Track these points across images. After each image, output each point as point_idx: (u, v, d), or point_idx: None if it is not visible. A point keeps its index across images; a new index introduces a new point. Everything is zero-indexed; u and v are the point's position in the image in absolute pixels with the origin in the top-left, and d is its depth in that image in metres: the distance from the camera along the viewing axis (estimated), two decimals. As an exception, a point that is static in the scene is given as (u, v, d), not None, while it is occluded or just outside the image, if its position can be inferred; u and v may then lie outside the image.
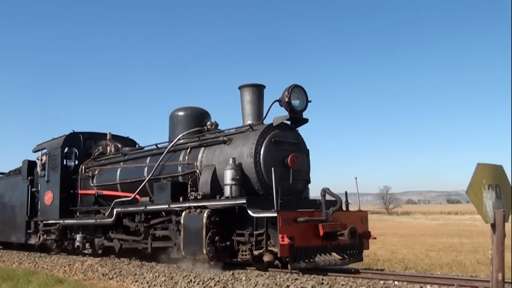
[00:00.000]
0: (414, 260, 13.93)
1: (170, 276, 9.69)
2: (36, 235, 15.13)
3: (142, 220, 11.13)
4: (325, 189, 8.90)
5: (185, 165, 10.75)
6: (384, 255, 15.15)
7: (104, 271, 11.30)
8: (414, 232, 34.63)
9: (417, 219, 72.95)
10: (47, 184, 14.77)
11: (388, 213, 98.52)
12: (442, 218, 73.76)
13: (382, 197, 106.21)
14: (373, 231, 10.05)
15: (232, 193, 9.31)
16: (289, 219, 8.26)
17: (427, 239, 25.18)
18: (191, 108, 11.90)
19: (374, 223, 23.25)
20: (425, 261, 13.72)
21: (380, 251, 16.65)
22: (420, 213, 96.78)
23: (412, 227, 46.09)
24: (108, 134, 14.88)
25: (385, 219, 73.30)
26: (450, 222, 60.31)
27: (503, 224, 5.35)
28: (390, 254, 15.85)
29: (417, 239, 25.65)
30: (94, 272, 11.53)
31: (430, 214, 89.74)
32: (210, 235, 9.15)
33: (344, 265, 9.20)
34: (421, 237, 27.85)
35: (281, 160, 9.58)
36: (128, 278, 10.44)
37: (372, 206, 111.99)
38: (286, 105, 9.69)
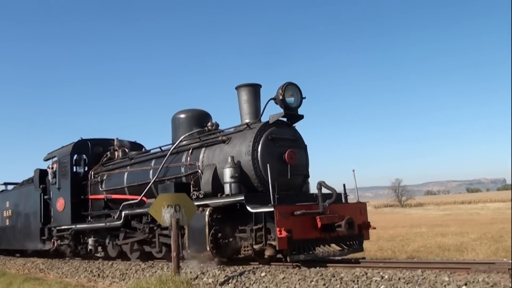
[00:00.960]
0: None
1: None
2: (50, 241, 15.54)
3: (149, 221, 11.45)
4: (321, 182, 9.13)
5: (188, 165, 11.05)
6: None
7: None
8: (406, 223, 35.31)
9: (427, 211, 73.25)
10: (58, 191, 15.18)
11: (401, 205, 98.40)
12: (454, 208, 73.88)
13: (395, 190, 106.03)
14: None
15: (231, 191, 9.59)
16: (286, 213, 8.51)
17: (400, 230, 26.48)
18: (192, 110, 12.18)
19: (379, 216, 23.96)
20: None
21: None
22: (433, 204, 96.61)
23: (413, 219, 46.17)
24: (115, 140, 15.21)
25: (396, 211, 73.58)
26: (456, 212, 60.63)
27: (176, 226, 8.94)
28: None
29: (392, 229, 26.68)
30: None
31: (443, 205, 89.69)
32: (213, 232, 9.45)
33: (343, 256, 9.42)
34: (400, 228, 28.94)
35: (278, 156, 9.83)
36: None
37: (386, 200, 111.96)
38: (280, 103, 9.94)
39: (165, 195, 9.63)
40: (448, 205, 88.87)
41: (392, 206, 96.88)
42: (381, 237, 20.54)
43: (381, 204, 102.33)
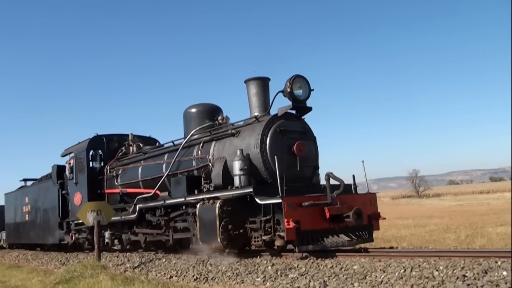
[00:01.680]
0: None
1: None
2: (69, 234, 15.89)
3: (163, 214, 11.66)
4: (329, 173, 9.22)
5: (199, 159, 11.21)
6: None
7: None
8: (411, 215, 35.47)
9: (442, 201, 73.42)
10: (75, 186, 15.51)
11: (419, 196, 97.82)
12: (470, 198, 73.86)
13: (412, 180, 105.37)
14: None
15: (241, 183, 9.71)
16: (294, 204, 8.62)
17: (394, 221, 26.95)
18: (203, 105, 12.33)
19: (390, 207, 24.46)
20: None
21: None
22: (452, 194, 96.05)
23: (422, 210, 46.13)
24: (130, 135, 15.48)
25: (411, 202, 73.64)
26: (470, 203, 60.57)
27: (98, 225, 12.20)
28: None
29: (388, 221, 27.66)
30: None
31: (462, 195, 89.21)
32: (223, 224, 9.58)
33: (352, 246, 9.50)
34: (396, 219, 29.27)
35: (287, 148, 9.92)
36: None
37: (403, 191, 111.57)
38: (289, 95, 10.01)
39: (90, 203, 12.91)
40: (466, 195, 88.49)
41: (410, 197, 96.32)
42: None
43: (398, 195, 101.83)
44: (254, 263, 9.15)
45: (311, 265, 8.29)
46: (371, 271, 7.31)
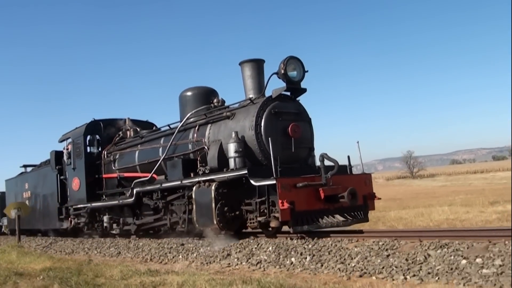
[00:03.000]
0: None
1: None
2: (68, 219, 15.96)
3: (159, 197, 11.70)
4: (323, 154, 9.23)
5: (195, 142, 11.23)
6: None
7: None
8: (391, 196, 35.87)
9: (433, 182, 74.77)
10: (73, 171, 15.55)
11: (413, 177, 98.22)
12: (461, 179, 75.23)
13: (406, 161, 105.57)
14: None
15: (236, 165, 9.73)
16: (288, 185, 8.65)
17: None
18: (199, 88, 12.31)
19: (381, 188, 24.43)
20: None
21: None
22: (446, 174, 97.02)
23: (408, 191, 46.53)
24: (126, 119, 15.47)
25: (404, 183, 74.65)
26: (455, 183, 61.62)
27: (18, 218, 17.52)
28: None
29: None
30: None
31: (456, 175, 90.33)
32: (219, 206, 9.63)
33: (346, 226, 9.54)
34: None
35: (282, 130, 9.93)
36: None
37: (397, 171, 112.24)
38: (283, 77, 9.98)
39: (12, 204, 18.79)
40: (460, 175, 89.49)
41: (404, 178, 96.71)
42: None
43: (394, 176, 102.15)
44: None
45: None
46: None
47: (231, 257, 9.00)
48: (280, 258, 8.16)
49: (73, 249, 14.15)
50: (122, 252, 11.99)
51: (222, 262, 8.92)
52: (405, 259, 6.66)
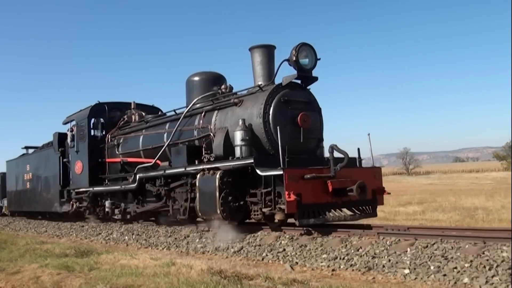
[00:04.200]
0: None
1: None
2: (69, 203, 15.72)
3: (162, 184, 11.41)
4: (333, 145, 8.88)
5: (200, 129, 10.91)
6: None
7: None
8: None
9: (425, 179, 76.21)
10: (76, 154, 15.28)
11: (408, 173, 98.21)
12: (454, 178, 76.47)
13: (402, 158, 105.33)
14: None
15: (242, 154, 9.42)
16: (296, 176, 8.33)
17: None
18: (206, 73, 11.96)
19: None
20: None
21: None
22: (441, 172, 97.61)
23: (396, 187, 47.02)
24: (132, 103, 15.16)
25: (397, 180, 75.55)
26: (443, 182, 62.31)
27: None
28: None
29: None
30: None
31: (451, 173, 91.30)
32: (223, 196, 9.33)
33: (354, 220, 9.24)
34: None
35: (291, 119, 9.58)
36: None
37: (393, 167, 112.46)
38: (294, 64, 9.61)
39: None
40: (454, 173, 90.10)
41: (400, 174, 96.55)
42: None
43: (389, 172, 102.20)
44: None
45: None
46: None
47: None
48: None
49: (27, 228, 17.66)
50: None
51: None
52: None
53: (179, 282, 5.98)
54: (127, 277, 6.50)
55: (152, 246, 10.60)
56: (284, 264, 7.57)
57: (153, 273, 6.67)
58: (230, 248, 9.04)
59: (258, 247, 8.73)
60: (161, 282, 6.08)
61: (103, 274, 6.85)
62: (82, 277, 6.87)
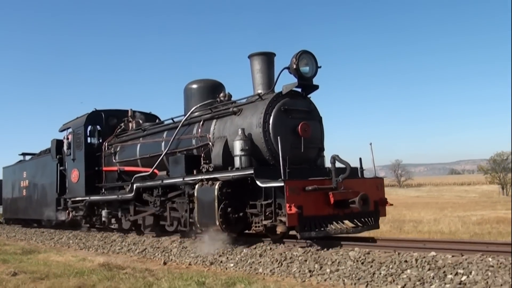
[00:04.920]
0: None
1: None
2: (66, 211, 15.48)
3: (160, 194, 11.19)
4: (335, 156, 8.67)
5: (199, 137, 10.70)
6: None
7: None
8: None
9: (414, 192, 76.98)
10: (73, 162, 15.06)
11: (400, 185, 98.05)
12: (443, 190, 77.01)
13: (394, 170, 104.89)
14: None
15: (241, 164, 9.21)
16: (297, 188, 8.12)
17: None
18: (205, 81, 11.77)
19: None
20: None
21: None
22: (432, 185, 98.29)
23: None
24: (129, 111, 14.93)
25: (387, 192, 76.56)
26: (431, 194, 62.70)
27: None
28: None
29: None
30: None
31: (442, 186, 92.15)
32: (222, 207, 9.12)
33: (357, 233, 9.03)
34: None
35: (291, 128, 9.38)
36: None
37: (386, 180, 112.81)
38: (294, 72, 9.42)
39: None
40: (446, 186, 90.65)
41: (392, 186, 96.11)
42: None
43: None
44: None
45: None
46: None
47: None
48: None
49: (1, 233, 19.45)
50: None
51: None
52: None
53: (74, 269, 8.75)
54: (42, 266, 9.41)
55: (87, 248, 12.99)
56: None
57: (66, 264, 9.63)
58: (145, 250, 11.04)
59: (157, 248, 10.83)
60: (65, 270, 8.76)
61: (26, 264, 9.81)
62: (11, 266, 9.52)
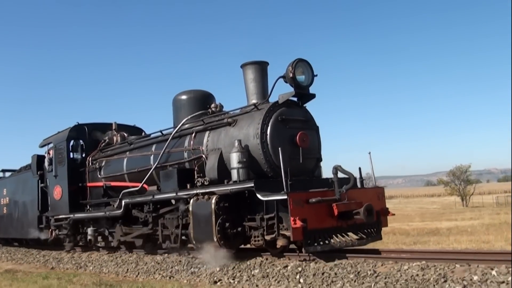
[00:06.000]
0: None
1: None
2: (48, 230, 14.89)
3: (151, 210, 10.77)
4: (337, 166, 8.39)
5: (191, 150, 10.33)
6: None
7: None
8: None
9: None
10: (55, 179, 14.48)
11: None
12: (411, 202, 78.95)
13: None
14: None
15: (239, 177, 8.87)
16: (301, 201, 7.82)
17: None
18: (194, 91, 11.42)
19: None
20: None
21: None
22: (403, 197, 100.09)
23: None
24: (113, 124, 14.45)
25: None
26: (396, 207, 64.15)
27: None
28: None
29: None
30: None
31: (414, 197, 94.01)
32: (220, 222, 8.78)
33: (362, 245, 8.76)
34: None
35: (289, 139, 9.10)
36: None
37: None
38: (291, 81, 9.16)
39: None
40: (416, 198, 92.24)
41: None
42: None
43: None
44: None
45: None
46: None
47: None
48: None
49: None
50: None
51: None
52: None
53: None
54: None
55: (18, 260, 15.35)
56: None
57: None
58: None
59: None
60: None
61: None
62: None
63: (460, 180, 68.83)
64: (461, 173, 69.09)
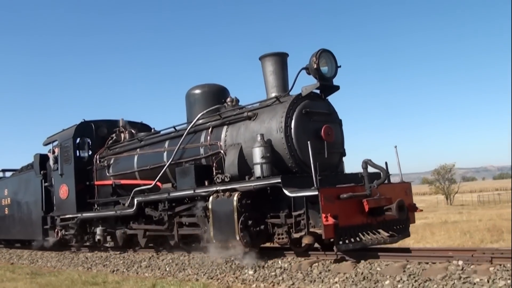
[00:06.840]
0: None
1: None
2: (54, 231, 14.46)
3: (166, 208, 10.37)
4: (367, 160, 8.03)
5: (208, 146, 9.93)
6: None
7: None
8: None
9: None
10: (61, 178, 14.05)
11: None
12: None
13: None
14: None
15: (263, 173, 8.47)
16: (332, 197, 7.46)
17: None
18: (208, 85, 11.03)
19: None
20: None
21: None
22: None
23: None
24: (120, 121, 14.05)
25: None
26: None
27: None
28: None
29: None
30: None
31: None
32: (243, 220, 8.41)
33: (393, 243, 8.41)
34: None
35: (314, 132, 8.72)
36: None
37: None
38: (314, 73, 8.77)
39: None
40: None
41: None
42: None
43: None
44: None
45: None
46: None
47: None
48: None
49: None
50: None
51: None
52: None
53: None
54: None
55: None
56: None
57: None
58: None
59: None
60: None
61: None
62: None
63: (444, 179, 69.88)
64: (445, 172, 70.07)
